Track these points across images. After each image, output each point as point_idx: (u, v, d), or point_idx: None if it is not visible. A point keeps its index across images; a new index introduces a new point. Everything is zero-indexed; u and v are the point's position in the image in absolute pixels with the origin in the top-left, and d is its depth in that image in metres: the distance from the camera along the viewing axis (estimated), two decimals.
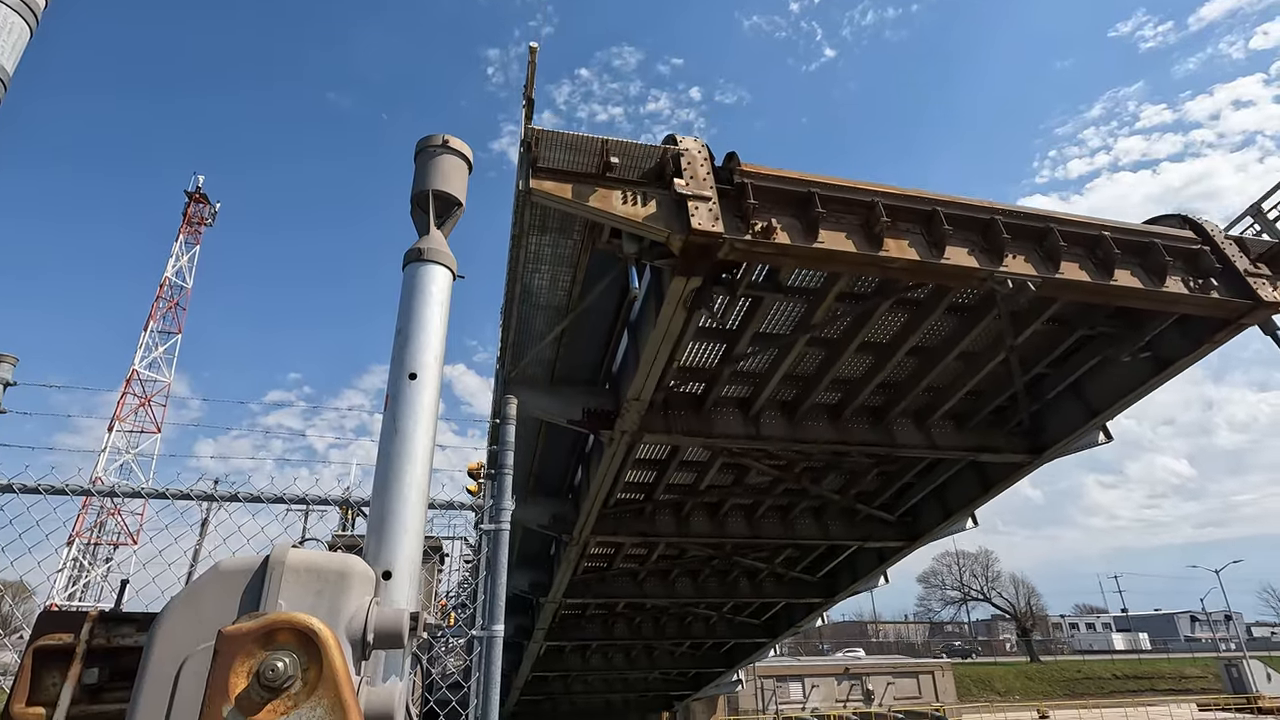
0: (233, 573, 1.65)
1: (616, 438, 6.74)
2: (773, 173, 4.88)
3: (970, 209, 5.23)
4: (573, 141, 4.52)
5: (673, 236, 4.48)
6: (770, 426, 7.41)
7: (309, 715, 1.40)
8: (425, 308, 2.30)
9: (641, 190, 4.65)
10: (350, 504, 3.58)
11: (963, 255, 5.11)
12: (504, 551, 3.28)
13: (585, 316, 6.36)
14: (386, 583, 1.91)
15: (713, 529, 10.00)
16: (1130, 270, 5.51)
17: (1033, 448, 7.82)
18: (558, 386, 7.27)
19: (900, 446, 7.71)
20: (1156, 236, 5.60)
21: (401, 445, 2.09)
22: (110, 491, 3.58)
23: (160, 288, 42.72)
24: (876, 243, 4.91)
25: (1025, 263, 5.24)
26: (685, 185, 4.53)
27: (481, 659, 3.06)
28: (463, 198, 2.59)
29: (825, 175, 5.01)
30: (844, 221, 4.99)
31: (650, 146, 4.71)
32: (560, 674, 17.29)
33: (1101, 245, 5.40)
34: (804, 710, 32.81)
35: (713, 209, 4.52)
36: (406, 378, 2.18)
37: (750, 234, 4.59)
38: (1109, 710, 34.30)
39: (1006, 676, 49.19)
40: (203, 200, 45.41)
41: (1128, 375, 6.79)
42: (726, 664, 18.17)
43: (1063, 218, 5.48)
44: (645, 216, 4.54)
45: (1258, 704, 34.38)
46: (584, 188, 4.56)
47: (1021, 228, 5.31)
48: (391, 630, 1.71)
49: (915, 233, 5.11)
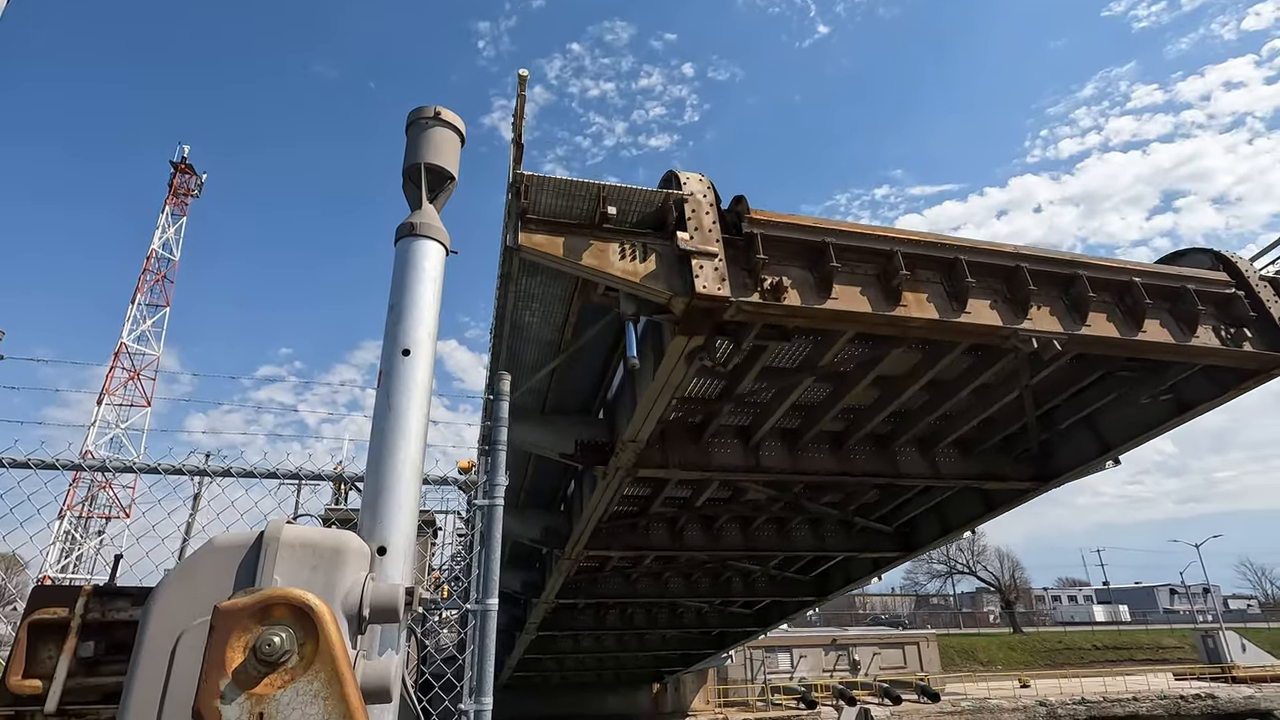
0: (227, 548, 1.65)
1: (611, 473, 6.47)
2: (784, 220, 4.51)
3: (994, 255, 4.92)
4: (566, 187, 4.13)
5: (675, 299, 4.11)
6: (771, 457, 7.15)
7: (306, 689, 1.41)
8: (418, 284, 2.27)
9: (641, 241, 4.24)
10: (344, 479, 3.58)
11: (985, 309, 4.80)
12: (498, 526, 3.30)
13: (579, 350, 6.05)
14: (381, 558, 1.91)
15: (707, 541, 9.86)
16: (1160, 320, 5.20)
17: (1039, 475, 7.62)
18: (549, 417, 6.90)
19: (903, 476, 7.46)
20: (1189, 281, 5.30)
21: (395, 422, 2.08)
22: (102, 466, 3.56)
23: (147, 260, 42.14)
24: (894, 297, 4.58)
25: (1050, 316, 4.95)
26: (689, 239, 4.13)
27: (476, 632, 3.11)
28: (455, 171, 2.54)
29: (841, 222, 4.64)
30: (859, 273, 4.63)
31: (651, 192, 4.31)
32: (553, 655, 17.49)
33: (1131, 292, 5.12)
34: (792, 680, 33.53)
35: (719, 268, 4.11)
36: (400, 354, 2.17)
37: (759, 292, 4.23)
38: (1088, 679, 35.19)
39: (990, 647, 50.30)
40: (188, 171, 44.61)
41: (1146, 414, 6.52)
42: (717, 647, 18.40)
43: (1091, 262, 5.16)
44: (645, 275, 4.14)
45: (1231, 673, 35.37)
46: (578, 240, 4.16)
47: (1048, 274, 5.00)
48: (387, 605, 1.71)
49: (935, 282, 4.79)
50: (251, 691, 1.39)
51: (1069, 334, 4.88)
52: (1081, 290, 4.99)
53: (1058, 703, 29.62)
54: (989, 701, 29.20)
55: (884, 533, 9.91)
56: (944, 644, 45.15)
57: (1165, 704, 30.04)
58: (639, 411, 5.48)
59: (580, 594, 11.78)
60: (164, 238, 43.12)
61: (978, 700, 29.37)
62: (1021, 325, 4.79)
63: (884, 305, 4.57)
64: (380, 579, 1.85)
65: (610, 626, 15.29)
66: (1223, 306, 5.40)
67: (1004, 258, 4.92)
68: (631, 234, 4.28)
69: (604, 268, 4.12)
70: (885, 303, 4.58)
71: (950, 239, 4.91)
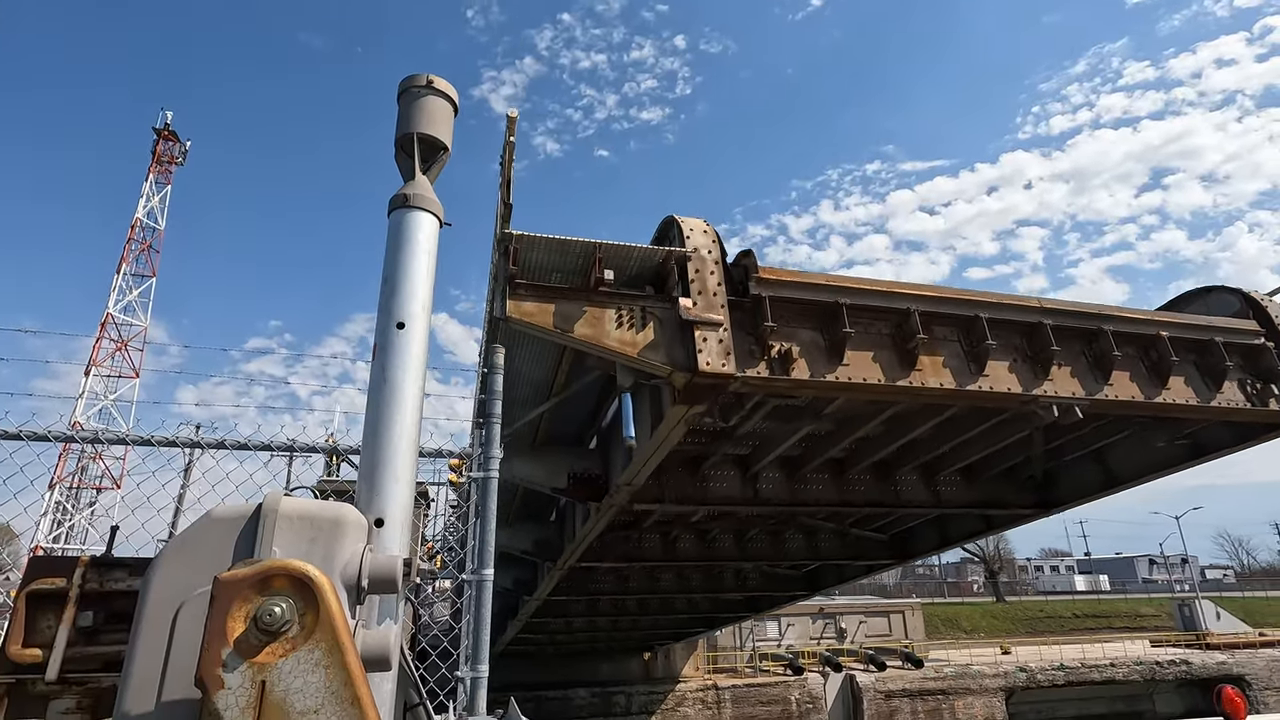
0: (226, 520, 1.66)
1: (604, 508, 6.26)
2: (794, 279, 4.19)
3: (1016, 310, 4.68)
4: (558, 246, 3.83)
5: (676, 374, 3.84)
6: (770, 489, 6.91)
7: (307, 658, 1.43)
8: (412, 256, 2.26)
9: (639, 305, 3.92)
10: (337, 451, 3.59)
11: (1003, 372, 4.58)
12: (493, 498, 3.33)
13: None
14: (379, 530, 1.93)
15: (701, 550, 9.74)
16: (1185, 376, 5.02)
17: (1042, 503, 7.47)
18: (541, 449, 6.58)
19: (905, 505, 7.29)
20: (1217, 332, 5.10)
21: (391, 395, 2.08)
22: (95, 438, 3.55)
23: (131, 229, 41.45)
24: (908, 360, 4.36)
25: (1071, 377, 4.75)
26: (692, 307, 3.82)
27: (472, 601, 3.15)
28: (449, 142, 2.50)
29: (855, 278, 4.33)
30: (873, 333, 4.36)
31: (651, 249, 4.00)
32: (546, 633, 17.68)
33: (1157, 346, 4.93)
34: (780, 647, 34.26)
35: (723, 339, 3.80)
36: (394, 327, 2.16)
37: (766, 361, 3.99)
38: (1067, 646, 36.13)
39: (973, 616, 51.46)
40: (172, 138, 43.64)
41: (1159, 455, 6.36)
42: (707, 626, 18.61)
43: (1117, 315, 4.96)
44: (644, 347, 3.82)
45: (1206, 640, 36.40)
46: (571, 306, 3.83)
47: (1071, 330, 4.79)
48: (386, 576, 1.74)
49: (952, 340, 4.56)
50: (253, 660, 1.41)
51: (1090, 398, 4.68)
52: (1105, 346, 4.78)
53: (1037, 668, 30.43)
54: (971, 668, 29.96)
55: (879, 541, 9.82)
56: (929, 613, 46.15)
57: (1141, 669, 30.92)
58: (635, 463, 5.27)
59: (574, 591, 11.76)
60: (148, 206, 42.38)
61: (960, 666, 30.12)
62: (1041, 390, 4.58)
63: (897, 371, 4.33)
64: (378, 550, 1.87)
65: (603, 613, 15.39)
66: (1249, 357, 5.21)
67: (1026, 313, 4.69)
68: (629, 297, 3.97)
69: (599, 339, 3.81)
70: (899, 368, 4.34)
71: (971, 294, 4.63)
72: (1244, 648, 34.57)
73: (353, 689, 1.44)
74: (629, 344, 3.82)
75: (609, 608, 15.15)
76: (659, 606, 15.30)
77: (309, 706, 1.40)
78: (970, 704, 28.54)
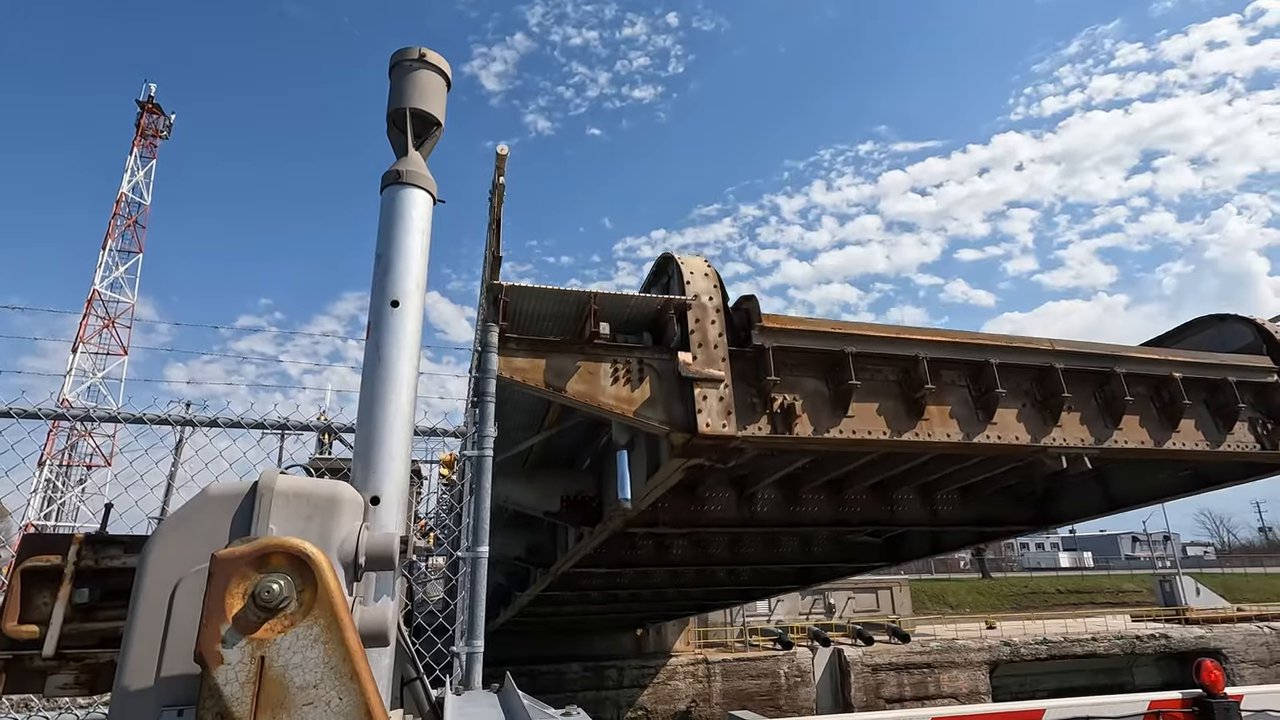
0: (222, 497, 1.66)
1: (598, 532, 6.17)
2: (799, 327, 4.01)
3: (1027, 353, 4.58)
4: (552, 296, 3.66)
5: (674, 433, 3.71)
6: (766, 511, 6.85)
7: (306, 634, 1.44)
8: (406, 234, 2.24)
9: (636, 357, 3.77)
10: (330, 429, 3.58)
11: (1011, 420, 4.50)
12: (487, 476, 3.34)
13: None
14: (375, 508, 1.94)
15: (695, 555, 9.71)
16: (1195, 419, 4.96)
17: (1039, 519, 7.46)
18: (533, 471, 6.38)
19: (902, 524, 7.24)
20: (1230, 371, 5.02)
21: (386, 373, 2.08)
22: (85, 415, 3.53)
23: (116, 204, 40.82)
24: (915, 410, 4.25)
25: (1080, 424, 4.68)
26: (692, 362, 3.67)
27: (467, 578, 3.18)
28: (442, 117, 2.47)
29: (861, 325, 4.15)
30: (879, 380, 4.23)
31: (649, 298, 3.84)
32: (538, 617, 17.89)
33: (1169, 387, 4.86)
34: (769, 622, 34.79)
35: (724, 397, 3.66)
36: (389, 305, 2.15)
37: (768, 415, 3.87)
38: (1051, 621, 36.86)
39: (959, 592, 52.37)
40: (156, 111, 42.81)
41: (1162, 483, 6.33)
42: (699, 610, 18.86)
43: (1130, 355, 4.88)
44: (641, 404, 3.68)
45: (1185, 615, 37.21)
46: (564, 361, 3.68)
47: (1082, 373, 4.69)
48: (382, 553, 1.75)
49: (960, 386, 4.46)
50: (252, 636, 1.42)
51: (1099, 446, 4.63)
52: (1117, 389, 4.70)
53: (1021, 642, 31.06)
54: (956, 642, 30.55)
55: (874, 546, 9.84)
56: (916, 589, 46.92)
57: (1121, 643, 31.62)
58: (630, 500, 5.18)
59: (565, 588, 11.80)
60: (133, 181, 41.69)
61: (946, 641, 30.70)
62: (1049, 438, 4.52)
63: (904, 421, 4.24)
64: (374, 528, 1.88)
65: (595, 601, 15.61)
66: (1261, 395, 5.14)
67: (1038, 355, 4.60)
68: (624, 348, 3.83)
69: (594, 396, 3.68)
70: (905, 418, 4.25)
71: (981, 338, 4.52)
72: (1222, 622, 35.37)
73: (351, 664, 1.45)
74: (625, 401, 3.68)
75: (601, 599, 15.35)
76: (651, 597, 15.55)
77: (308, 681, 1.41)
78: (955, 677, 29.15)
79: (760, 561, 9.98)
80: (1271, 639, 33.07)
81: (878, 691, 28.15)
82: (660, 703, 25.98)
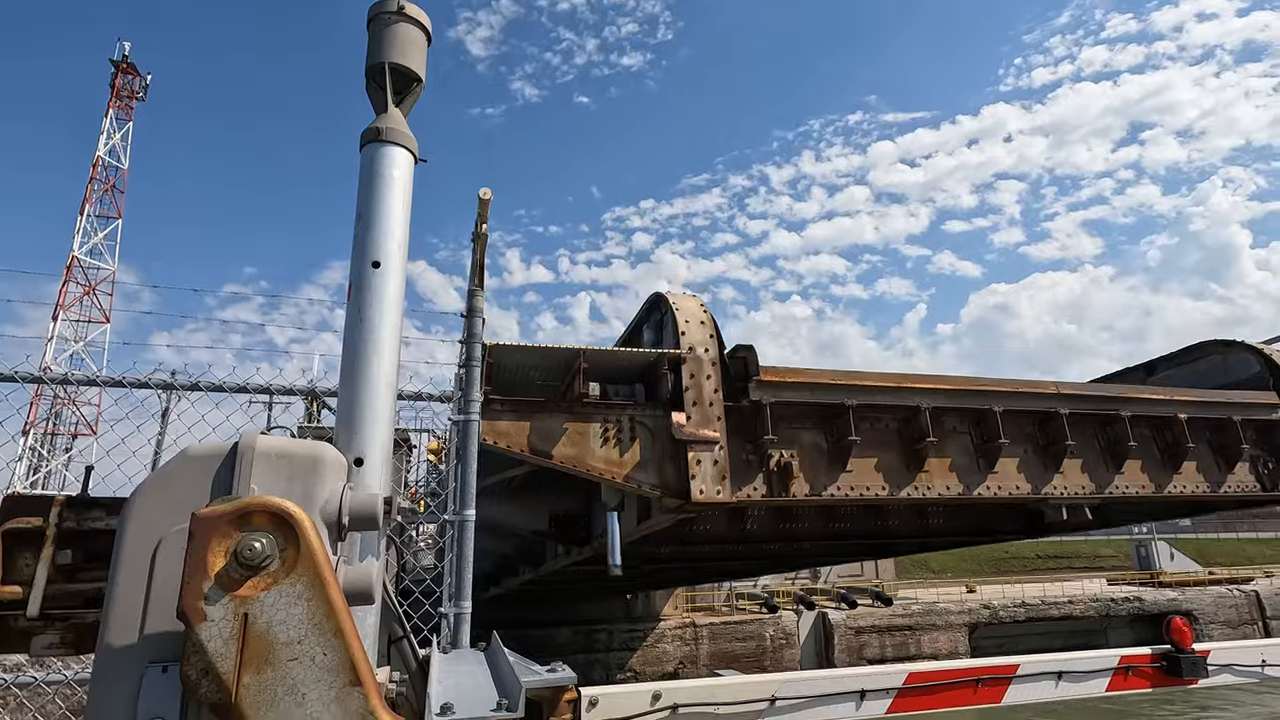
0: (203, 458, 1.65)
1: (585, 552, 6.07)
2: (797, 380, 3.87)
3: (1031, 398, 4.47)
4: (539, 354, 3.52)
5: (667, 499, 3.59)
6: (757, 528, 6.74)
7: (289, 591, 1.45)
8: (387, 193, 2.19)
9: (627, 415, 3.63)
10: (315, 394, 3.55)
11: (1012, 470, 4.42)
12: (474, 441, 3.34)
13: None
14: (359, 469, 1.93)
15: (684, 552, 9.68)
16: (1198, 462, 4.93)
17: (1029, 529, 7.42)
18: (521, 493, 6.25)
19: (894, 536, 7.23)
20: (1235, 410, 4.97)
21: (368, 334, 2.06)
22: (64, 379, 3.47)
23: (93, 168, 39.83)
24: (915, 461, 4.14)
25: (1081, 471, 4.63)
26: (685, 423, 3.53)
27: (455, 540, 3.20)
28: (422, 73, 2.40)
29: (863, 375, 3.99)
30: (879, 429, 4.11)
31: (641, 353, 3.70)
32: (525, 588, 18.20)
33: (1173, 428, 4.81)
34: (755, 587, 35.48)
35: (719, 461, 3.51)
36: (370, 266, 2.11)
37: (764, 474, 3.74)
38: (1030, 585, 37.81)
39: (941, 557, 53.51)
40: (131, 71, 41.53)
41: (1156, 507, 6.34)
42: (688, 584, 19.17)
43: (1136, 397, 4.80)
44: (632, 468, 3.55)
45: (1159, 579, 38.27)
46: (551, 423, 3.53)
47: (1087, 416, 4.61)
48: (366, 513, 1.75)
49: (963, 433, 4.36)
50: (235, 594, 1.43)
51: (1099, 495, 4.61)
52: (1121, 433, 4.64)
53: (1000, 606, 31.87)
54: (937, 605, 31.29)
55: (864, 545, 9.65)
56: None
57: (1097, 606, 32.52)
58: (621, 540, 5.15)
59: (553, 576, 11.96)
60: (110, 144, 40.62)
61: (927, 604, 31.45)
62: (1050, 487, 4.46)
63: (903, 475, 4.14)
64: (358, 489, 1.88)
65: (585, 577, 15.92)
66: (1264, 433, 5.10)
67: (1042, 400, 4.51)
68: (615, 406, 3.67)
69: (583, 460, 3.54)
70: (905, 471, 4.15)
71: (985, 384, 4.37)
72: (1194, 585, 36.41)
73: (336, 620, 1.46)
74: (615, 465, 3.55)
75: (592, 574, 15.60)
76: (640, 578, 15.83)
77: (293, 637, 1.42)
78: (935, 639, 29.94)
79: (749, 558, 10.13)
80: (1240, 601, 34.15)
81: (860, 653, 28.90)
82: (649, 664, 26.54)
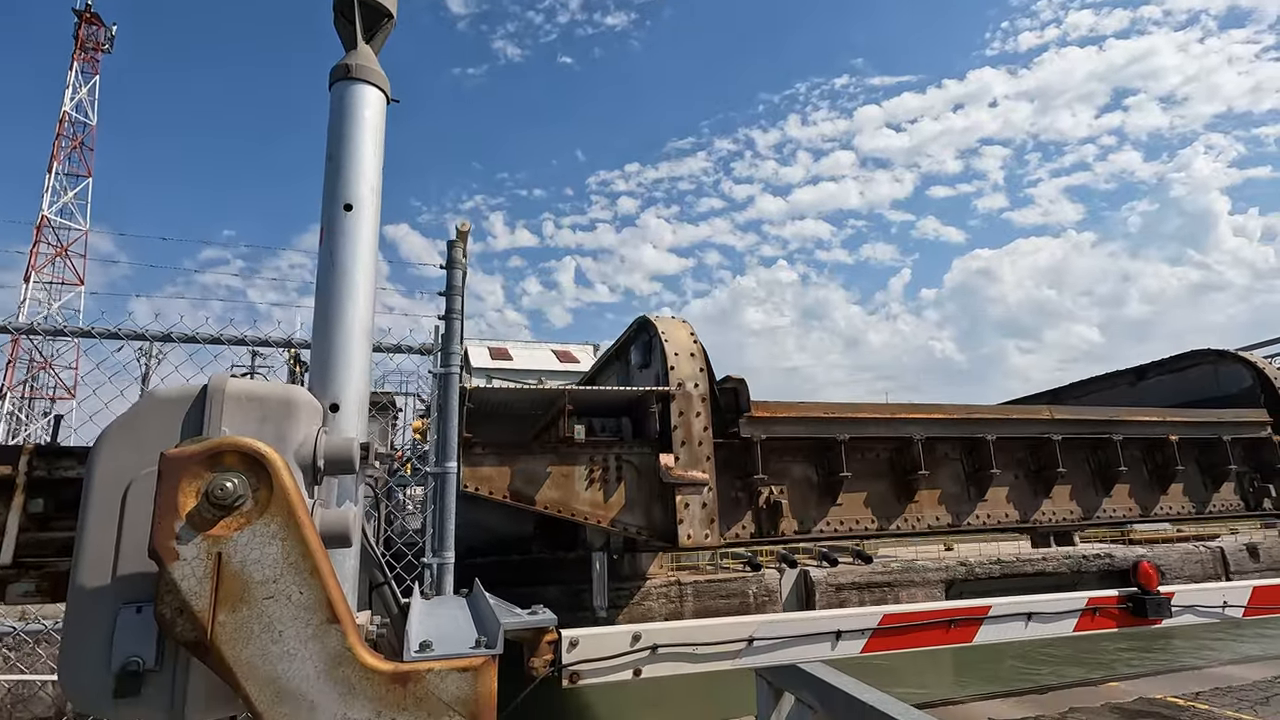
0: (171, 400, 1.62)
1: (571, 558, 6.14)
2: (789, 414, 3.80)
3: (1024, 425, 4.48)
4: (522, 395, 3.47)
5: (654, 540, 3.55)
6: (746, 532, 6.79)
7: (263, 530, 1.44)
8: (358, 132, 2.12)
9: (614, 454, 3.52)
10: (292, 344, 3.50)
11: (1001, 499, 4.51)
12: (454, 394, 3.32)
13: None
14: (335, 415, 1.91)
15: None
16: (1185, 483, 4.99)
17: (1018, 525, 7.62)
18: None
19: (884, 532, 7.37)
20: (1226, 429, 4.99)
21: (341, 280, 2.01)
22: (30, 329, 3.39)
23: (60, 124, 38.46)
24: (906, 492, 4.18)
25: (1069, 498, 4.68)
26: (674, 464, 3.43)
27: (437, 492, 3.20)
28: (393, 8, 2.31)
29: (855, 407, 3.96)
30: (870, 460, 4.11)
31: (627, 391, 3.56)
32: None
33: (1164, 450, 4.85)
34: None
35: (707, 504, 3.42)
36: (341, 209, 2.06)
37: (753, 511, 3.72)
38: (1005, 544, 38.91)
39: None
40: (95, 21, 39.84)
41: None
42: None
43: (1128, 420, 4.80)
44: (619, 511, 3.46)
45: (1129, 537, 39.53)
46: (535, 465, 3.43)
47: (1078, 440, 4.66)
48: (342, 457, 1.73)
49: (954, 459, 4.41)
50: (208, 533, 1.41)
51: (1087, 519, 4.67)
52: (1112, 456, 4.68)
53: (976, 563, 32.77)
54: (916, 563, 32.12)
55: None
56: None
57: (1069, 562, 33.54)
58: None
59: None
60: (76, 98, 39.17)
61: (906, 562, 32.27)
62: (1039, 513, 4.51)
63: (893, 507, 4.15)
64: (334, 434, 1.86)
65: None
66: (1251, 450, 5.10)
67: (1035, 426, 4.51)
68: (600, 444, 3.55)
69: (568, 503, 3.43)
70: (895, 503, 4.17)
71: (978, 412, 4.40)
72: (1162, 542, 37.61)
73: (312, 560, 1.46)
74: (601, 508, 3.47)
75: None
76: None
77: (268, 576, 1.41)
78: (913, 595, 30.78)
79: None
80: (1205, 557, 35.37)
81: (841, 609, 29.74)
82: (635, 621, 27.18)
